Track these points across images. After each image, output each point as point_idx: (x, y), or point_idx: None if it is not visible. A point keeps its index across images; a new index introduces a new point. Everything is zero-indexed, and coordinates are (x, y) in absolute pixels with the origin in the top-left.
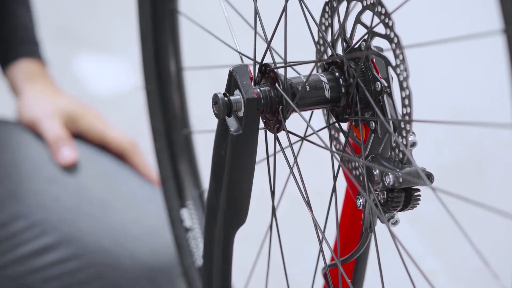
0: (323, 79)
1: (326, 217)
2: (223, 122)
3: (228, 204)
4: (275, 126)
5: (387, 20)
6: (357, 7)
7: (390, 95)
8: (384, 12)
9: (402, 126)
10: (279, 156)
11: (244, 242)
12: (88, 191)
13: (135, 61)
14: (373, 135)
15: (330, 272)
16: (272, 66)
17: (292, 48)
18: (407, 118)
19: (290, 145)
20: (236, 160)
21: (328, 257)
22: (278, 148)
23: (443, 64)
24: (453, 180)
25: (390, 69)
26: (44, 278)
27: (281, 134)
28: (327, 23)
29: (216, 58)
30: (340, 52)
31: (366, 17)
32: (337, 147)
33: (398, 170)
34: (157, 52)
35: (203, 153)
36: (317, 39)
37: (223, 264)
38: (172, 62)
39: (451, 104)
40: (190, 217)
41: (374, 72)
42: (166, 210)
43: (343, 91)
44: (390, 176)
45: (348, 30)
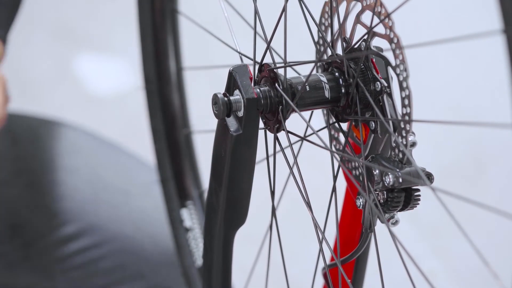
0: (323, 79)
1: (326, 217)
2: (223, 122)
3: (228, 204)
4: (275, 126)
5: (387, 20)
6: (357, 7)
7: (390, 95)
8: (384, 12)
9: (402, 126)
10: (279, 156)
11: (244, 242)
12: (105, 180)
13: (135, 61)
14: (373, 135)
15: (330, 272)
16: (272, 66)
17: (292, 48)
18: (407, 118)
19: (290, 145)
20: (236, 160)
21: (328, 257)
22: (278, 148)
23: (443, 64)
24: (453, 180)
25: (390, 69)
26: (68, 268)
27: (281, 134)
28: (327, 23)
29: (216, 58)
30: (340, 52)
31: (366, 17)
32: (337, 147)
33: (398, 170)
34: (157, 52)
35: (203, 153)
36: (317, 39)
37: (223, 264)
38: (172, 62)
39: (451, 104)
40: (190, 217)
41: (374, 72)
42: (166, 210)
43: (343, 91)
44: (390, 176)
45: (348, 30)
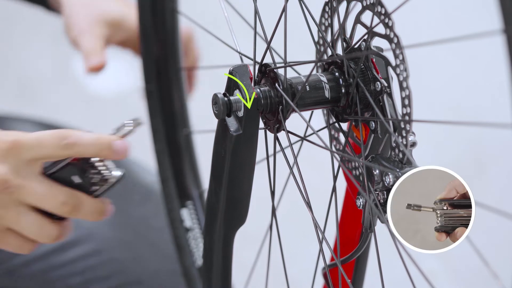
0: (323, 79)
1: (326, 217)
2: (223, 122)
3: (228, 204)
4: (275, 126)
5: (387, 20)
6: (357, 7)
7: (390, 95)
8: (384, 12)
9: (402, 126)
10: (279, 156)
11: (244, 242)
12: None
13: (135, 61)
14: (373, 135)
15: (330, 272)
16: (272, 66)
17: (292, 48)
18: (407, 118)
19: (290, 145)
20: (236, 160)
21: (328, 257)
22: (278, 148)
23: (443, 64)
24: None
25: (390, 69)
26: (66, 274)
27: (281, 134)
28: (327, 23)
29: (216, 58)
30: (340, 52)
31: (366, 17)
32: (337, 147)
33: (398, 170)
34: (157, 52)
35: (203, 153)
36: (317, 39)
37: (223, 264)
38: (172, 62)
39: (451, 104)
40: (190, 217)
41: (374, 72)
42: (166, 210)
43: (343, 91)
44: (390, 176)
45: (348, 30)
